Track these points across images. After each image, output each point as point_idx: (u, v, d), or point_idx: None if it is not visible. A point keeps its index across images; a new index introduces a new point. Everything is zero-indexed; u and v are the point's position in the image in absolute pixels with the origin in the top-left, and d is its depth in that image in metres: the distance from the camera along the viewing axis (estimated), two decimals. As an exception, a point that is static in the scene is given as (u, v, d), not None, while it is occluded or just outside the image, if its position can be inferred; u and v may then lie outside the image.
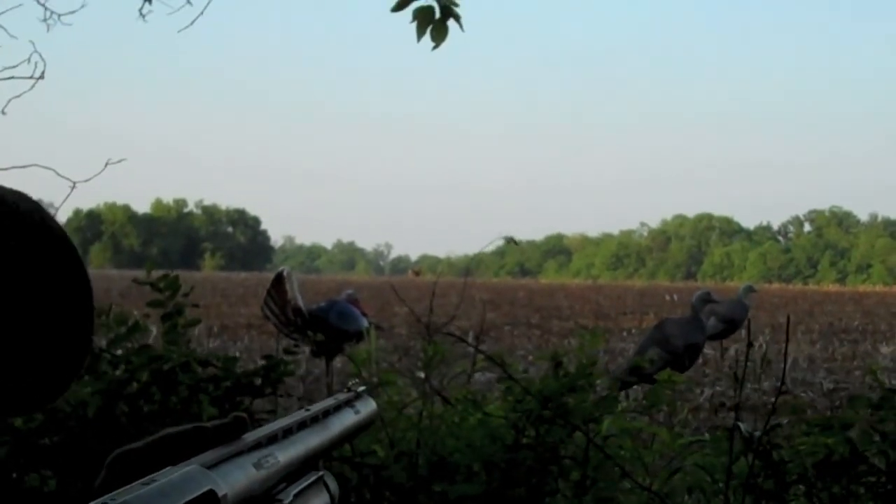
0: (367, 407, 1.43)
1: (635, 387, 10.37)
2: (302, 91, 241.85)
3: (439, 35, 4.75)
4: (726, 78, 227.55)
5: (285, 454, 1.13)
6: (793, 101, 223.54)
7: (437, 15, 4.71)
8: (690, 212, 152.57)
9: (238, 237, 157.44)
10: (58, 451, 4.79)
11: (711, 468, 4.51)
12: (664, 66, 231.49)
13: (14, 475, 4.83)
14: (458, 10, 4.72)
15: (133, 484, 0.88)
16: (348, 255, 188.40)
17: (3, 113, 4.88)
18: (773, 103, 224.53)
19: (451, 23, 4.75)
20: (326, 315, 12.22)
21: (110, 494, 0.84)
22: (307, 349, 12.61)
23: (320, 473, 1.24)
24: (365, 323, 12.15)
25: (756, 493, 4.32)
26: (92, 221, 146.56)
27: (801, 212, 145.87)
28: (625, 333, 22.87)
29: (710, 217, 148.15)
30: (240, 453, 1.06)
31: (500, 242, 6.06)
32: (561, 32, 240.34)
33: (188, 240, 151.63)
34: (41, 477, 4.85)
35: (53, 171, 4.92)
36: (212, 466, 0.98)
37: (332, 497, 1.24)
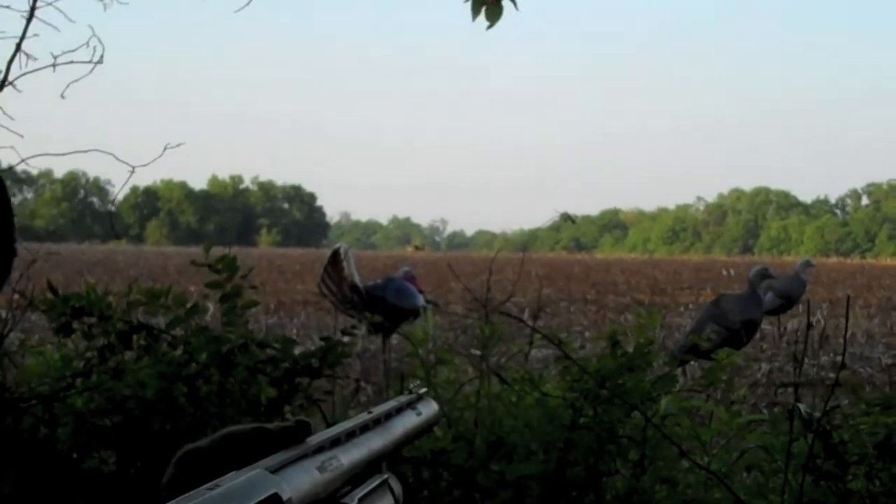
0: (429, 409, 1.46)
1: (692, 363, 10.32)
2: (357, 66, 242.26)
3: (494, 14, 4.76)
4: (786, 50, 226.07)
5: (348, 457, 1.14)
6: (848, 74, 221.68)
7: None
8: (747, 185, 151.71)
9: (294, 213, 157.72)
10: (118, 432, 4.83)
11: (770, 447, 4.48)
12: (721, 38, 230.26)
13: (75, 456, 4.89)
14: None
15: (199, 489, 0.89)
16: (404, 230, 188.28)
17: (62, 97, 4.92)
18: (829, 76, 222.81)
19: (505, 2, 4.75)
20: (383, 292, 12.23)
21: (176, 500, 0.86)
22: (364, 326, 12.65)
23: (385, 476, 1.25)
24: (422, 300, 12.16)
25: (815, 474, 4.29)
26: (149, 198, 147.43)
27: (858, 185, 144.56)
28: (681, 308, 22.85)
29: (766, 191, 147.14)
30: (304, 456, 1.07)
31: (556, 218, 6.03)
32: (619, 4, 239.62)
33: (244, 216, 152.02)
34: (101, 458, 4.90)
35: (112, 155, 4.97)
36: (276, 470, 0.99)
37: (396, 500, 1.26)
